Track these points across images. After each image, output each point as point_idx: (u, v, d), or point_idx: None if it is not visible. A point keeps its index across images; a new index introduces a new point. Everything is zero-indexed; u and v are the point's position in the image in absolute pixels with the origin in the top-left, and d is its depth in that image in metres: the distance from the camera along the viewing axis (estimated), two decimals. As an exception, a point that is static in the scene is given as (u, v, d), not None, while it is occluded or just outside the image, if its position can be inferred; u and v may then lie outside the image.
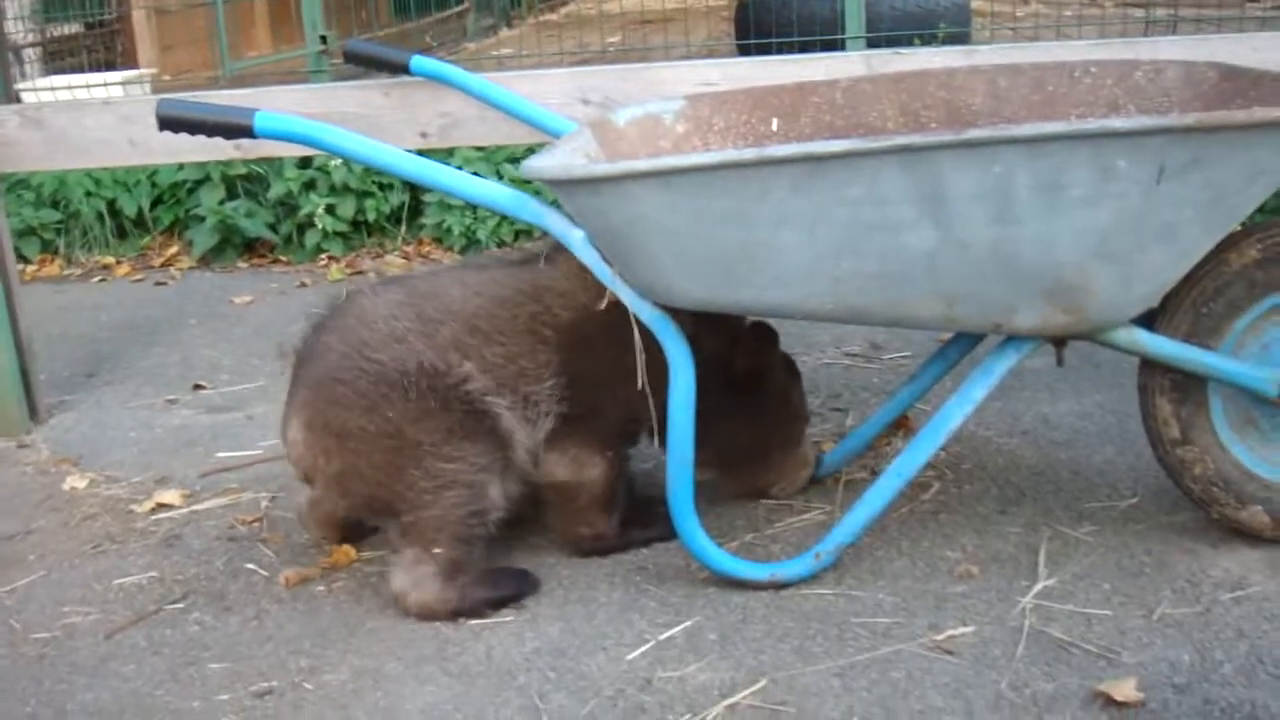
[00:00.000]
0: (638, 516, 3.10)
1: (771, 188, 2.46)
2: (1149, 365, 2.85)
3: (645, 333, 2.73)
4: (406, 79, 3.67)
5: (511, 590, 2.89)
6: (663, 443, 2.87)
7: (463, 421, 2.79)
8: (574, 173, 2.59)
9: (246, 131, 2.74)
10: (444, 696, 2.55)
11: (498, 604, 2.86)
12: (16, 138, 3.91)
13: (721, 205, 2.49)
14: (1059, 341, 2.79)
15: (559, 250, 2.92)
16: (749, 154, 2.46)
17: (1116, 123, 2.48)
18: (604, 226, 2.60)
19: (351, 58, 3.68)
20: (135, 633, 2.89)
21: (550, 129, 3.39)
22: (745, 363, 3.04)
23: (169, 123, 2.80)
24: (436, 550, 2.81)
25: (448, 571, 2.82)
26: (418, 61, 3.59)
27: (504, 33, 9.46)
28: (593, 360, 2.87)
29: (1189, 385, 2.82)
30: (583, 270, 2.81)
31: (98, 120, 3.90)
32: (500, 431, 2.83)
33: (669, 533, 2.93)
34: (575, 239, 2.69)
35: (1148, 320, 2.76)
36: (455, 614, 2.83)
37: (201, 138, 2.86)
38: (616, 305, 2.75)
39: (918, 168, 2.43)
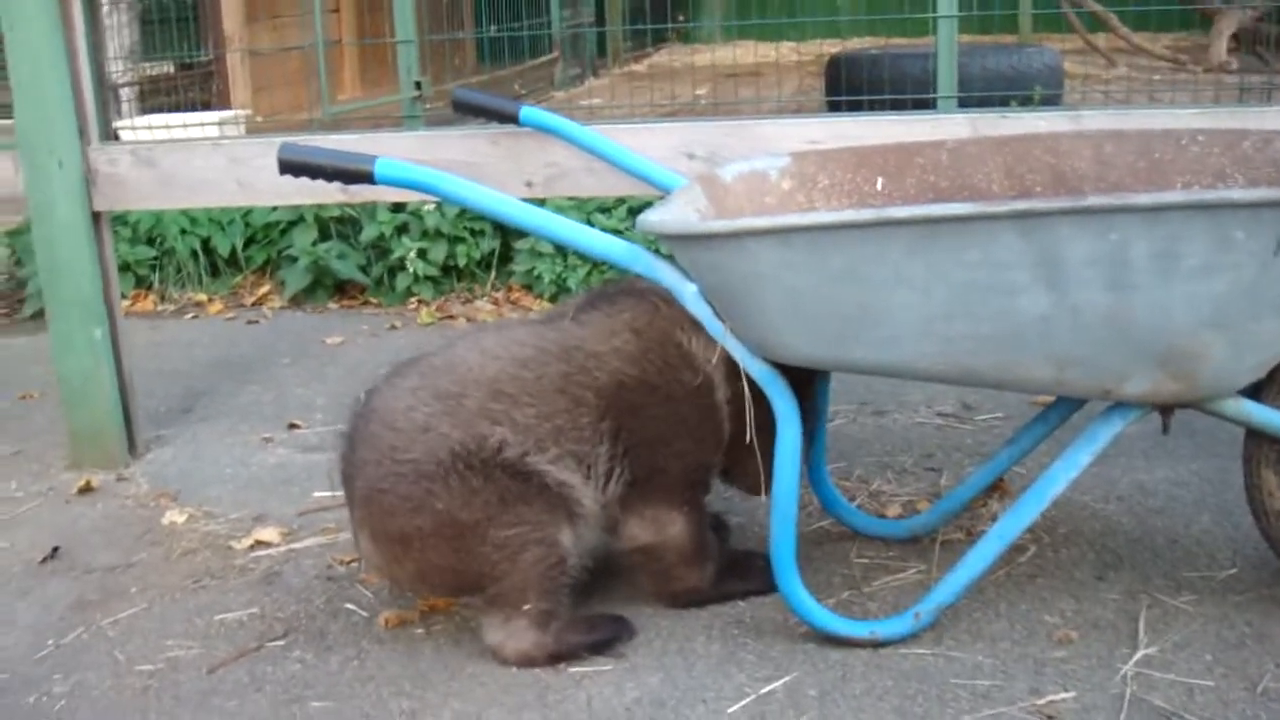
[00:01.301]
0: (736, 568, 3.10)
1: (888, 248, 2.49)
2: (1254, 436, 2.84)
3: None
4: (512, 128, 3.72)
5: (608, 635, 2.91)
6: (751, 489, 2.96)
7: (510, 487, 2.77)
8: (692, 228, 2.63)
9: (367, 178, 2.79)
10: (546, 743, 2.57)
11: (594, 648, 2.87)
12: (128, 176, 3.99)
13: (838, 264, 2.51)
14: (1166, 409, 2.78)
15: (585, 310, 2.95)
16: (868, 215, 2.48)
17: (1236, 194, 2.48)
18: (718, 281, 2.63)
19: (460, 106, 3.73)
20: (237, 669, 2.93)
21: (657, 182, 3.42)
22: None
23: (290, 167, 2.85)
24: (526, 607, 2.82)
25: (541, 621, 2.84)
26: (527, 112, 3.64)
27: (591, 82, 9.55)
28: (642, 420, 2.87)
29: (1295, 457, 2.80)
30: (611, 330, 2.86)
31: (207, 160, 3.98)
32: (552, 485, 2.81)
33: (767, 586, 2.94)
34: (688, 293, 2.72)
35: (1255, 390, 2.75)
36: (553, 659, 2.84)
37: (309, 181, 2.91)
38: (657, 363, 2.82)
39: (1035, 233, 2.44)
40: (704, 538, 3.03)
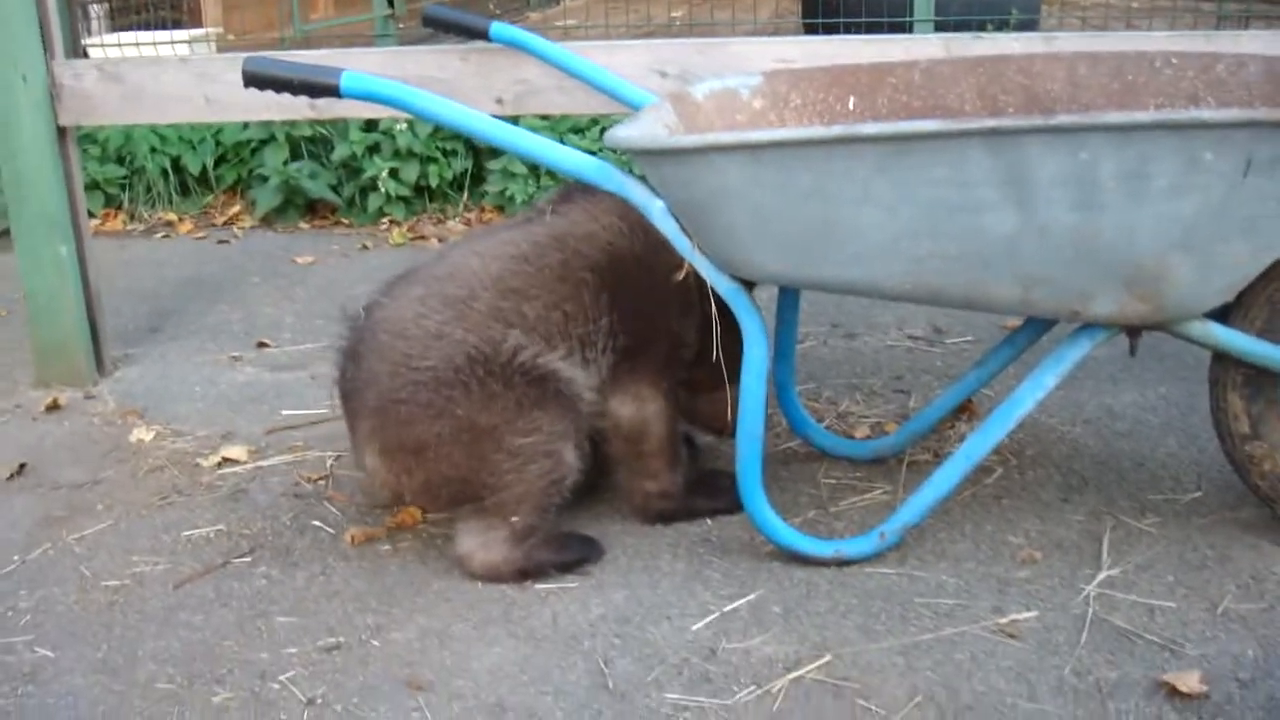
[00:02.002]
0: (703, 487, 3.13)
1: (856, 165, 2.47)
2: (1221, 359, 2.84)
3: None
4: (484, 45, 3.68)
5: (576, 555, 2.92)
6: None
7: (528, 392, 2.79)
8: (660, 143, 2.60)
9: (333, 91, 2.75)
10: (510, 658, 2.58)
11: (563, 567, 2.89)
12: (94, 91, 3.94)
13: (805, 181, 2.50)
14: (1133, 331, 2.78)
15: (562, 204, 3.00)
16: (836, 131, 2.46)
17: (1206, 114, 2.46)
18: (686, 198, 2.61)
19: (430, 22, 3.69)
20: (203, 584, 2.93)
21: (628, 100, 3.39)
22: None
23: (255, 79, 2.81)
24: (514, 519, 2.83)
25: (519, 536, 2.85)
26: (498, 28, 3.60)
27: (567, 2, 9.47)
28: (632, 291, 2.92)
29: (1261, 381, 2.81)
30: (595, 213, 2.92)
31: (175, 77, 3.93)
32: (564, 389, 2.84)
33: (734, 505, 2.96)
34: (656, 209, 2.70)
35: (1222, 314, 2.75)
36: (521, 574, 2.86)
37: (276, 96, 2.88)
38: (642, 239, 2.87)
39: (1003, 151, 2.43)
40: (677, 436, 3.07)
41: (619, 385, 2.97)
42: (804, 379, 3.87)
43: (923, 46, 3.55)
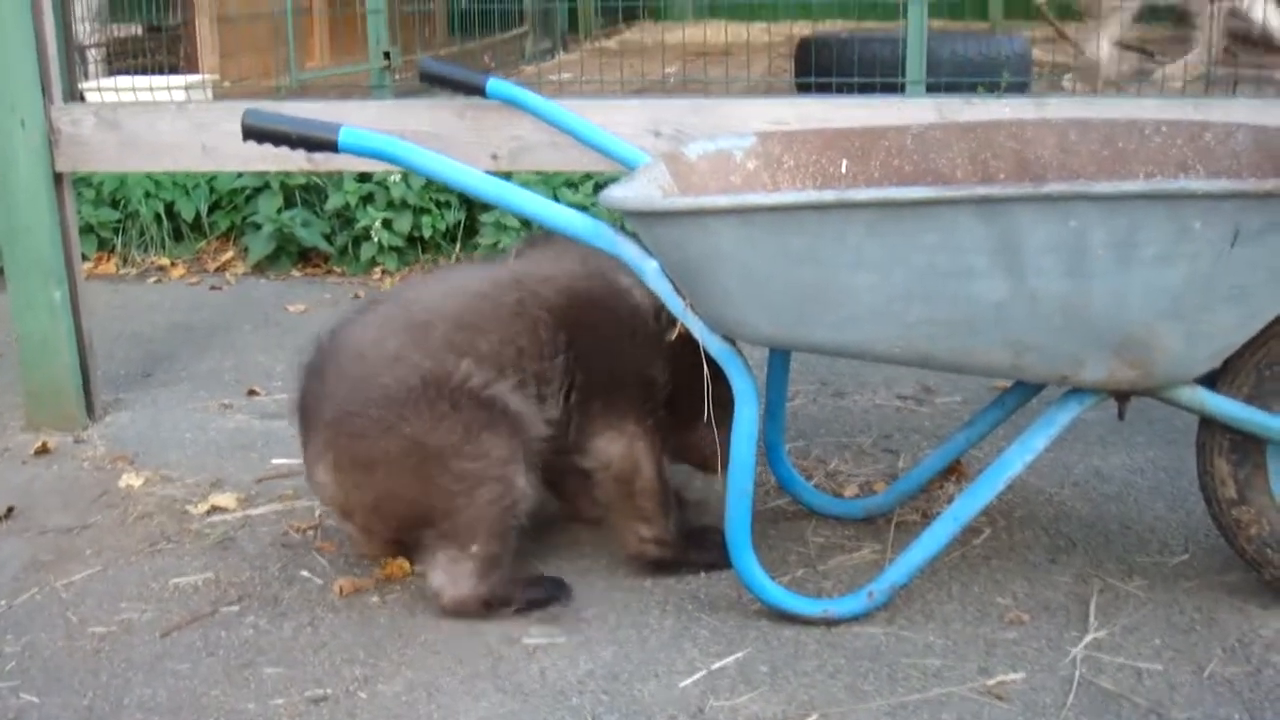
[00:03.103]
0: (694, 541, 3.15)
1: (849, 230, 2.50)
2: (1208, 424, 2.86)
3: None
4: (479, 100, 3.71)
5: (543, 594, 2.96)
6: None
7: (476, 415, 2.85)
8: (654, 205, 2.63)
9: (331, 146, 2.78)
10: (497, 713, 2.58)
11: (529, 605, 2.93)
12: (91, 138, 3.96)
13: (798, 244, 2.52)
14: (1122, 396, 2.81)
15: (526, 250, 3.10)
16: (829, 195, 2.49)
17: (1194, 184, 2.50)
18: (679, 259, 2.64)
19: (427, 77, 3.72)
20: (191, 632, 2.93)
21: (622, 158, 3.42)
22: None
23: (254, 133, 2.84)
24: (474, 548, 2.87)
25: (484, 568, 2.89)
26: (494, 84, 3.64)
27: (561, 57, 9.53)
28: (593, 331, 2.97)
29: (1248, 446, 2.83)
30: (555, 257, 3.01)
31: (172, 125, 3.96)
32: (512, 416, 2.89)
33: (723, 560, 2.96)
34: (649, 269, 2.72)
35: (1210, 379, 2.78)
36: (486, 606, 2.90)
37: (274, 148, 2.91)
38: (601, 285, 2.97)
39: (995, 218, 2.46)
40: (668, 478, 3.10)
41: (601, 424, 3.00)
42: (793, 437, 3.88)
43: (915, 110, 3.59)
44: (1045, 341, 2.59)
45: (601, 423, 3.01)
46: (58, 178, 4.00)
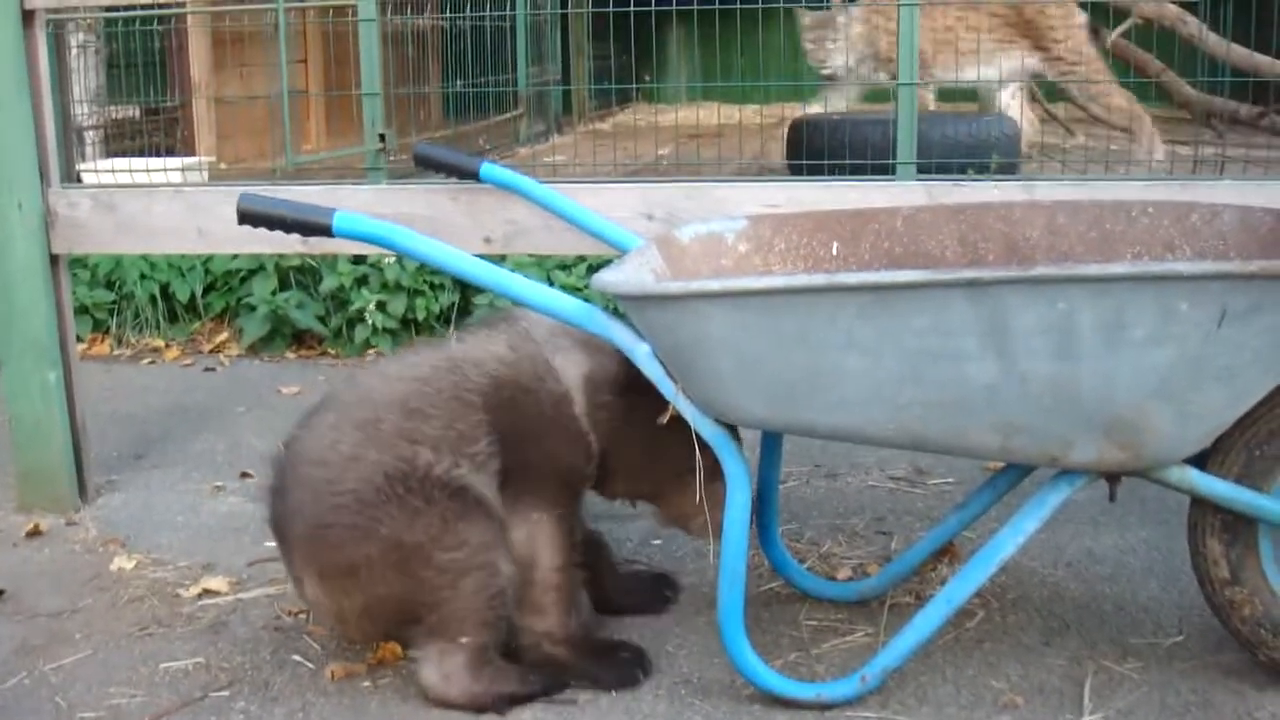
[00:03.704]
0: (602, 653, 3.06)
1: (840, 313, 2.51)
2: (1200, 504, 2.87)
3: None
4: (473, 184, 3.74)
5: (539, 687, 2.92)
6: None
7: (450, 506, 2.83)
8: (645, 289, 2.65)
9: (325, 230, 2.80)
10: (489, 800, 2.57)
11: (523, 699, 2.90)
12: (88, 220, 4.00)
13: (790, 327, 2.54)
14: (1112, 477, 2.81)
15: (467, 333, 3.12)
16: (820, 280, 2.51)
17: (1181, 266, 2.52)
18: (671, 343, 2.65)
19: (421, 161, 3.75)
20: (180, 718, 2.91)
21: (614, 242, 3.44)
22: None
23: (249, 217, 2.86)
24: (464, 639, 2.85)
25: (475, 661, 2.86)
26: (487, 169, 3.67)
27: (555, 139, 9.59)
28: (513, 415, 2.94)
29: (1239, 526, 2.83)
30: (487, 340, 3.01)
31: (167, 207, 3.99)
32: (485, 502, 2.88)
33: (625, 682, 2.94)
34: (640, 352, 2.73)
35: (1200, 459, 2.78)
36: (480, 709, 2.86)
37: (266, 230, 2.93)
38: (527, 369, 2.95)
39: (984, 300, 2.48)
40: (572, 575, 3.02)
41: (511, 509, 2.96)
42: (786, 519, 3.88)
43: (905, 192, 3.62)
44: (1035, 423, 2.60)
45: (511, 508, 2.95)
46: (54, 259, 4.02)
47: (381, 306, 6.01)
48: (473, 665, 2.86)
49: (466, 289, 6.07)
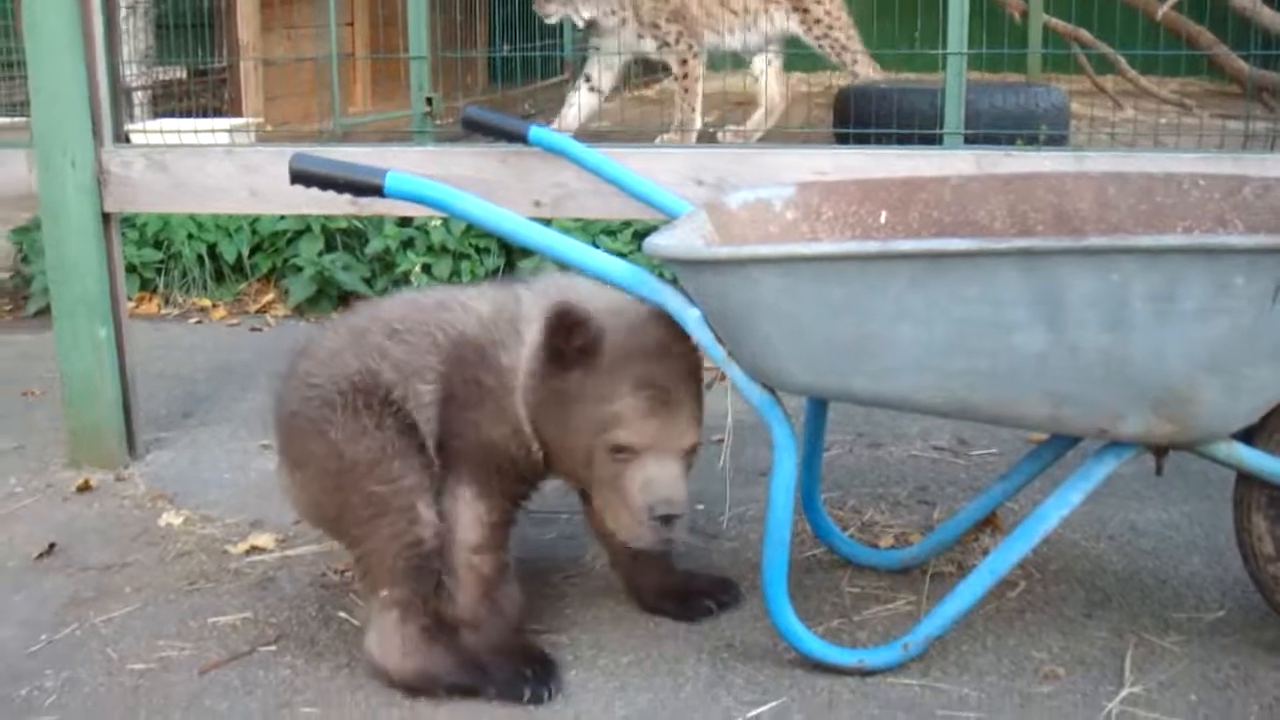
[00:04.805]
0: (504, 655, 2.86)
1: (891, 281, 2.52)
2: (1246, 480, 2.86)
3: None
4: (522, 147, 3.75)
5: (473, 680, 2.81)
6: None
7: (395, 440, 2.83)
8: (698, 254, 2.66)
9: (377, 190, 2.82)
10: (532, 757, 2.60)
11: (456, 689, 2.80)
12: (140, 179, 4.03)
13: (840, 295, 2.55)
14: (1159, 450, 2.81)
15: (490, 284, 3.10)
16: (872, 247, 2.51)
17: (1235, 240, 2.51)
18: (721, 308, 2.66)
19: (470, 124, 3.76)
20: (228, 671, 2.95)
21: (663, 207, 3.45)
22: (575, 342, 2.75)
23: (301, 176, 2.88)
24: (384, 593, 2.82)
25: (402, 622, 2.80)
26: (536, 132, 3.68)
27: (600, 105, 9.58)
28: (459, 374, 2.87)
29: (1285, 502, 2.83)
30: (480, 297, 2.96)
31: (219, 167, 4.02)
32: (426, 448, 2.87)
33: (504, 694, 2.79)
34: (691, 317, 2.74)
35: (1247, 434, 2.78)
36: (410, 690, 2.81)
37: (319, 191, 2.95)
38: (493, 334, 2.87)
39: (1036, 271, 2.47)
40: (495, 560, 2.88)
41: (444, 476, 2.89)
42: (829, 487, 3.89)
43: (954, 161, 3.62)
44: (1084, 394, 2.60)
45: (444, 476, 2.88)
46: (106, 218, 4.06)
47: (427, 269, 6.03)
48: (402, 628, 2.80)
49: (512, 253, 6.09)
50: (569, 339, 2.70)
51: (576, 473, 2.85)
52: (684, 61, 6.71)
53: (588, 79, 6.82)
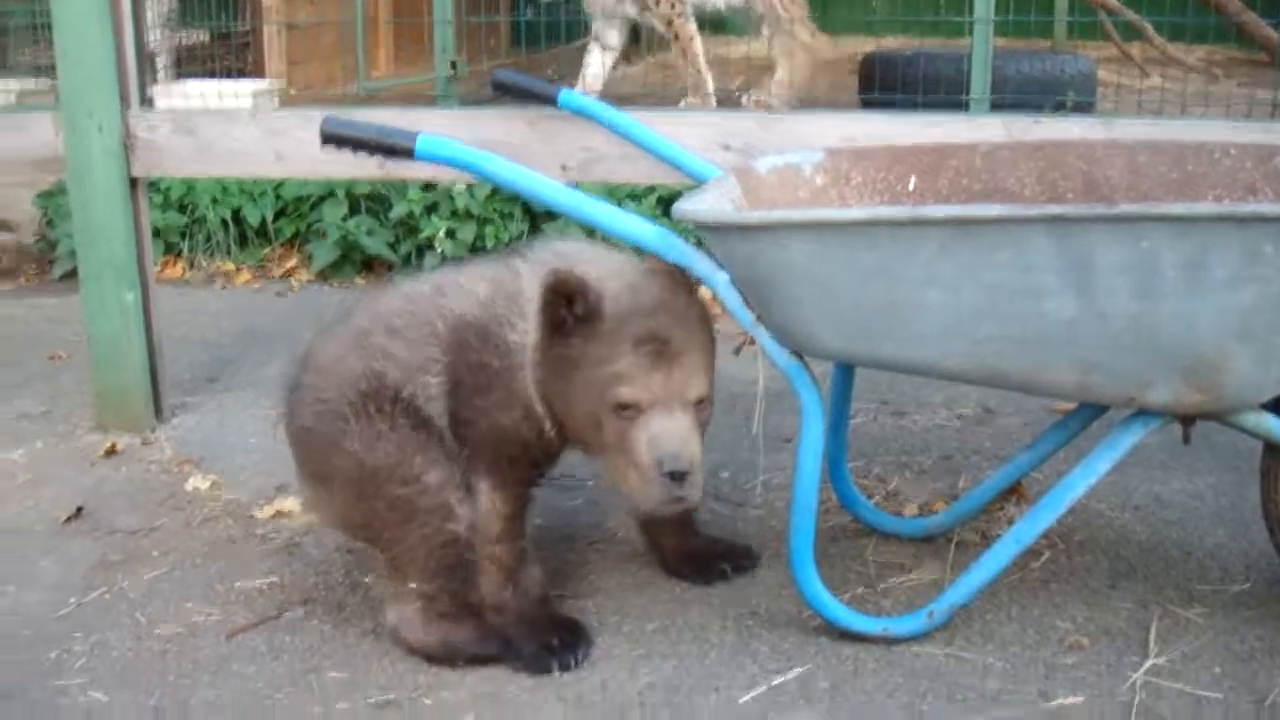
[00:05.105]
0: (530, 627, 2.86)
1: (921, 247, 2.51)
2: (1273, 451, 2.86)
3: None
4: (550, 111, 3.74)
5: (495, 650, 2.82)
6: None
7: (411, 437, 2.79)
8: (729, 218, 2.65)
9: (408, 153, 2.82)
10: (559, 723, 2.61)
11: (477, 659, 2.81)
12: (167, 143, 4.03)
13: (870, 260, 2.54)
14: (1187, 419, 2.79)
15: (472, 260, 3.05)
16: (903, 212, 2.51)
17: (1266, 207, 2.49)
18: (750, 272, 2.66)
19: (500, 87, 3.74)
20: (256, 636, 2.97)
21: (691, 171, 3.43)
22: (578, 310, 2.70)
23: (332, 139, 2.89)
24: (412, 585, 2.82)
25: (427, 611, 2.82)
26: (566, 95, 3.66)
27: (623, 69, 9.55)
28: (464, 361, 2.83)
29: (1313, 474, 2.82)
30: (479, 278, 2.88)
31: (246, 132, 4.01)
32: (446, 441, 2.83)
33: (530, 667, 2.78)
34: (720, 281, 2.74)
35: (1276, 405, 2.76)
36: (430, 660, 2.82)
37: (347, 155, 2.95)
38: (495, 312, 2.81)
39: (1067, 238, 2.46)
40: (514, 548, 2.87)
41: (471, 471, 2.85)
42: (854, 455, 3.88)
43: (984, 128, 3.59)
44: (1113, 362, 2.59)
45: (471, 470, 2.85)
46: (133, 182, 4.06)
47: (451, 234, 6.03)
48: (424, 615, 2.82)
49: (536, 217, 6.08)
50: (569, 307, 2.66)
51: (589, 442, 2.79)
52: (669, 23, 6.71)
53: (597, 39, 6.85)
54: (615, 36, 7.03)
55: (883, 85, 6.38)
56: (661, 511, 2.76)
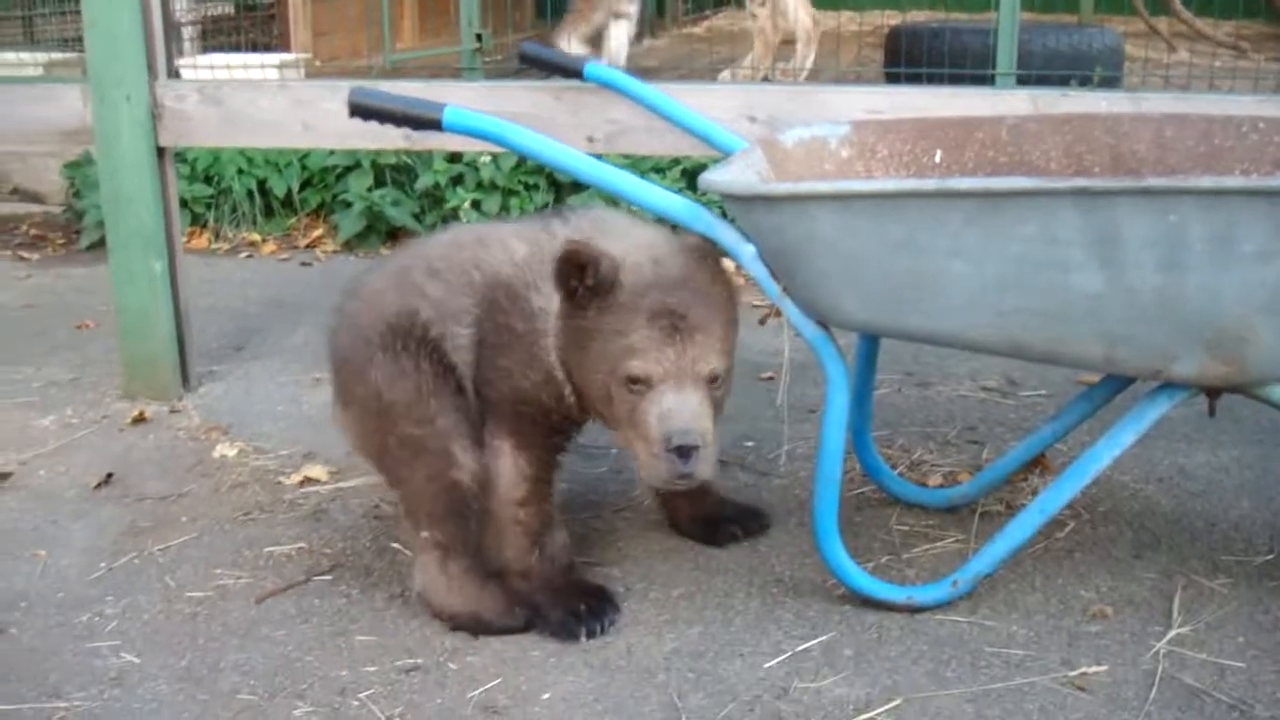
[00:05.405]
0: (558, 595, 2.87)
1: (948, 219, 2.52)
2: (1299, 423, 2.86)
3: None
4: (576, 83, 3.75)
5: (522, 623, 2.84)
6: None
7: (432, 381, 2.83)
8: (756, 190, 2.66)
9: (435, 125, 2.83)
10: (585, 687, 2.63)
11: (509, 632, 2.83)
12: (194, 113, 4.05)
13: (897, 231, 2.55)
14: (1212, 392, 2.80)
15: (526, 218, 3.11)
16: (930, 184, 2.51)
17: (1295, 181, 2.49)
18: (777, 244, 2.67)
19: (527, 59, 3.76)
20: (285, 600, 3.00)
21: (717, 143, 3.44)
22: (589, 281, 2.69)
23: (360, 110, 2.90)
24: (424, 534, 2.85)
25: (444, 562, 2.84)
26: (592, 68, 3.67)
27: (648, 42, 9.54)
28: (491, 318, 2.84)
29: (1340, 446, 2.82)
30: (519, 236, 2.89)
31: (273, 102, 4.03)
32: (465, 390, 2.86)
33: (559, 633, 2.80)
34: (746, 253, 2.75)
35: (1302, 378, 2.77)
36: (455, 628, 2.84)
37: (373, 125, 2.97)
38: (528, 276, 2.82)
39: (1094, 211, 2.47)
40: (536, 511, 2.88)
41: (487, 427, 2.89)
42: (878, 426, 3.89)
43: (1011, 101, 3.59)
44: (1139, 334, 2.60)
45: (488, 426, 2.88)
46: (160, 152, 4.08)
47: (476, 205, 6.05)
48: (445, 568, 2.84)
49: (561, 188, 6.09)
50: (581, 277, 2.65)
51: (602, 413, 2.79)
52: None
53: (614, 10, 6.88)
54: (629, 4, 7.05)
55: (908, 59, 6.36)
56: (668, 487, 2.78)
